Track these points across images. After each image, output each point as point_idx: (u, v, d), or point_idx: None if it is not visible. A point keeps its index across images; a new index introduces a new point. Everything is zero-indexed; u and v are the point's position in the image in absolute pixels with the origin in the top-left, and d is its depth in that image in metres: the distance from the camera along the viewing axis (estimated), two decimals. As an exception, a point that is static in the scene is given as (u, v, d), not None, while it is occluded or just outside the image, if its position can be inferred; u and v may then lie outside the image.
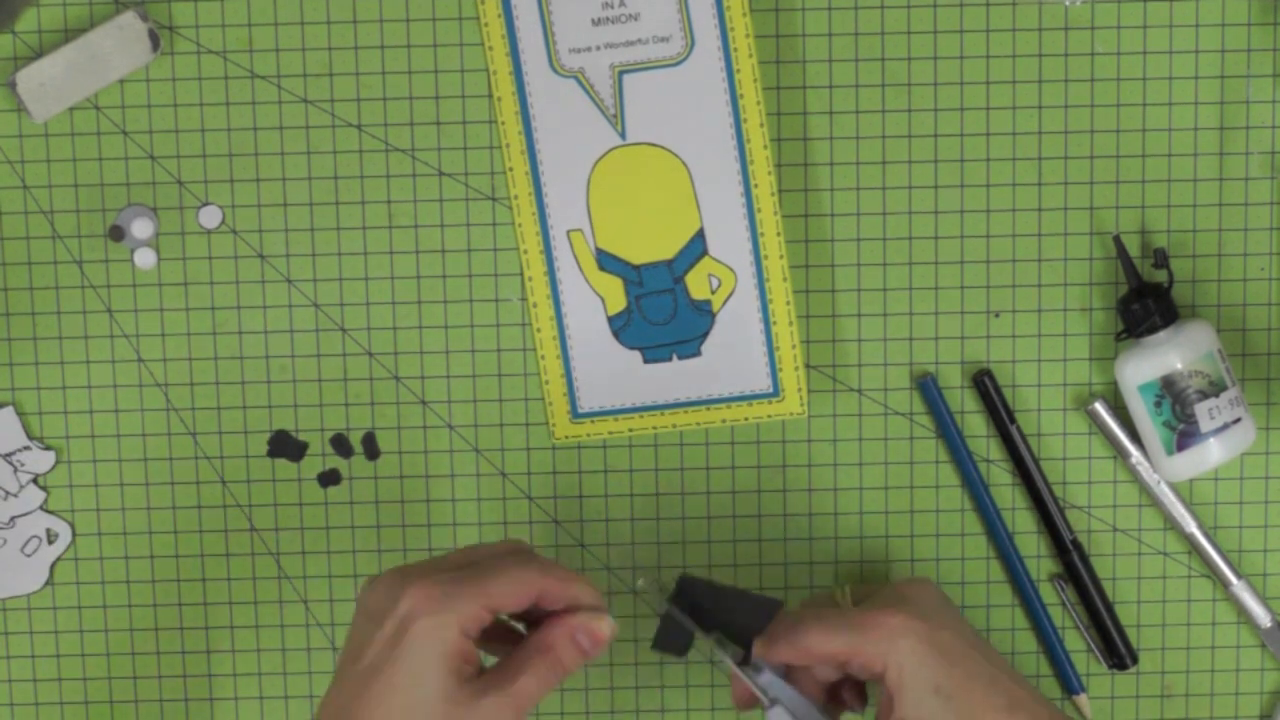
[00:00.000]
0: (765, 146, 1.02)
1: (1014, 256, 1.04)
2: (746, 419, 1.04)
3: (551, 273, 1.03)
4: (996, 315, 1.04)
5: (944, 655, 0.93)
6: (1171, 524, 1.05)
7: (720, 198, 1.02)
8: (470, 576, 0.90)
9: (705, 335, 1.03)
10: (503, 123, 1.02)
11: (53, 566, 1.06)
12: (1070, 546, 1.05)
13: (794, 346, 1.03)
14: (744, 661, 0.96)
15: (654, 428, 1.04)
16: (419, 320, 1.04)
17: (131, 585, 1.06)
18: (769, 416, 1.04)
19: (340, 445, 1.05)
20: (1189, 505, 1.05)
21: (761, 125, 1.01)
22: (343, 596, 1.06)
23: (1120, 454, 1.04)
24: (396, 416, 1.05)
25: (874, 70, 1.03)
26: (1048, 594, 1.06)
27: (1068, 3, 1.02)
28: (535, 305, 1.04)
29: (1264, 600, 1.06)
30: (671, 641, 0.95)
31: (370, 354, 1.04)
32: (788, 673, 0.96)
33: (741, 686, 0.96)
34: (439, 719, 0.88)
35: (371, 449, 1.05)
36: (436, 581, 0.89)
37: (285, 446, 1.05)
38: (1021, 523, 1.06)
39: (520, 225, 1.03)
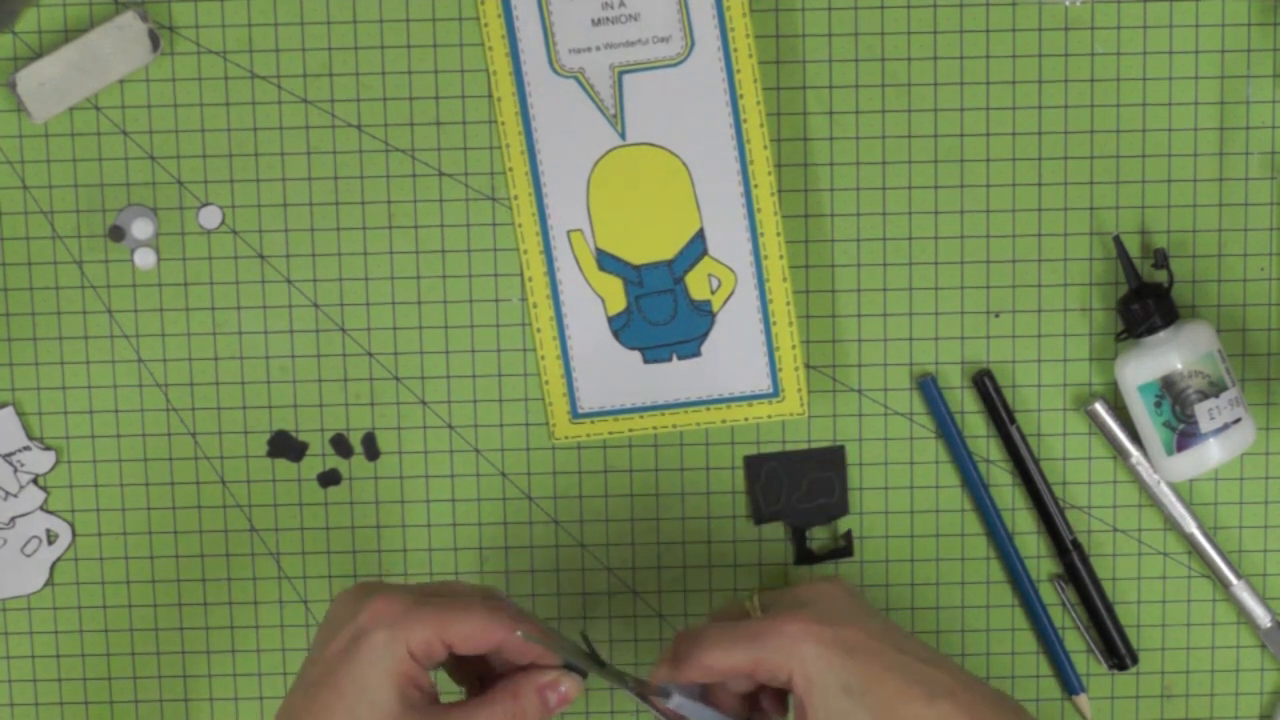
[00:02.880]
0: (765, 146, 1.02)
1: (1014, 256, 1.04)
2: (746, 419, 1.04)
3: (551, 273, 1.03)
4: (996, 315, 1.04)
5: (851, 654, 0.89)
6: (1171, 524, 1.05)
7: (720, 198, 1.02)
8: (433, 603, 0.89)
9: (705, 335, 1.03)
10: (503, 123, 1.02)
11: (53, 567, 1.06)
12: (1070, 547, 1.05)
13: (794, 347, 1.03)
14: (661, 691, 0.92)
15: (654, 428, 1.04)
16: (419, 320, 1.04)
17: (131, 585, 1.06)
18: (769, 416, 1.04)
19: (340, 445, 1.05)
20: (1189, 505, 1.05)
21: (761, 125, 1.01)
22: (343, 596, 1.06)
23: (1120, 454, 1.04)
24: (396, 417, 1.05)
25: (874, 70, 1.03)
26: (1048, 594, 1.06)
27: (1068, 3, 1.02)
28: (535, 305, 1.03)
29: (1264, 600, 1.06)
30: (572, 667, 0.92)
31: (370, 354, 1.04)
32: (705, 690, 0.93)
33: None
34: None
35: (371, 449, 1.05)
36: (399, 600, 0.89)
37: (285, 447, 1.05)
38: (1021, 523, 1.06)
39: (520, 225, 1.03)
